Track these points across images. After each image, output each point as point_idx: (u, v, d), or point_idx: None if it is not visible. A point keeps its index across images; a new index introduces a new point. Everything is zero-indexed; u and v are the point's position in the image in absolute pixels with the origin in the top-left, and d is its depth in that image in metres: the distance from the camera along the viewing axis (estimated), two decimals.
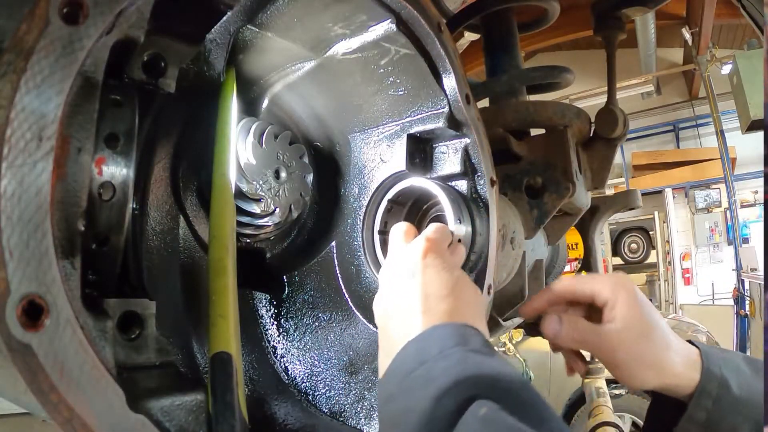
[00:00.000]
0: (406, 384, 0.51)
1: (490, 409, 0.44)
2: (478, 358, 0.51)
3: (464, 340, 0.53)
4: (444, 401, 0.46)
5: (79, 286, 0.44)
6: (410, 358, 0.54)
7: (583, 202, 1.44)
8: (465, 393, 0.46)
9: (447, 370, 0.49)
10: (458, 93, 0.78)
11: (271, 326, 0.87)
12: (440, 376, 0.48)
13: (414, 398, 0.48)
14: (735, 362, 0.73)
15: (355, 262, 0.89)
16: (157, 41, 0.59)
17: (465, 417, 0.44)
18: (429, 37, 0.74)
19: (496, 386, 0.47)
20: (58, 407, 0.38)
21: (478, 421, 0.44)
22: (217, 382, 0.51)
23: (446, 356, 0.51)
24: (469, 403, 0.45)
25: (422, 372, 0.51)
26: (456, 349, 0.52)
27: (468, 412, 0.44)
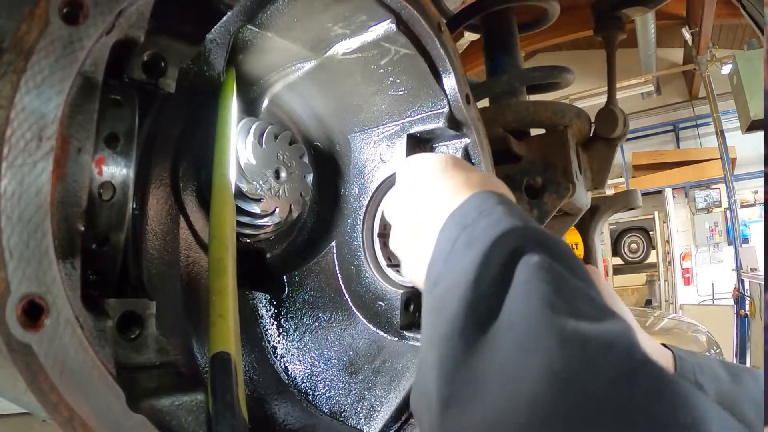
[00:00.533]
0: (451, 257, 0.47)
1: (542, 259, 0.40)
2: (521, 216, 0.47)
3: (504, 201, 0.50)
4: (491, 257, 0.42)
5: (79, 286, 0.44)
6: (451, 229, 0.49)
7: (583, 202, 1.45)
8: (512, 245, 0.42)
9: (489, 227, 0.45)
10: (458, 93, 0.78)
11: (271, 326, 0.87)
12: (483, 234, 0.44)
13: (459, 266, 0.44)
14: (711, 368, 0.70)
15: (355, 262, 0.89)
16: (157, 41, 0.59)
17: (518, 268, 0.40)
18: (429, 37, 0.74)
19: (544, 241, 0.44)
20: (58, 407, 0.38)
21: (532, 269, 0.40)
22: (217, 382, 0.51)
23: (488, 214, 0.47)
24: (518, 256, 0.41)
25: (464, 237, 0.46)
26: (498, 206, 0.48)
27: (521, 263, 0.41)
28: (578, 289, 0.40)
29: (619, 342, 0.35)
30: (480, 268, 0.42)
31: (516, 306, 0.39)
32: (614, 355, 0.34)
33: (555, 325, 0.36)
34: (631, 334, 0.36)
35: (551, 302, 0.37)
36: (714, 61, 7.73)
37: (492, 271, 0.41)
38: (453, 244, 0.47)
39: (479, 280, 0.41)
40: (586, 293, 0.40)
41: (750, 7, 1.55)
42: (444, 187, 0.56)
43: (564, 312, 0.36)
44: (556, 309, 0.37)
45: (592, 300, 0.39)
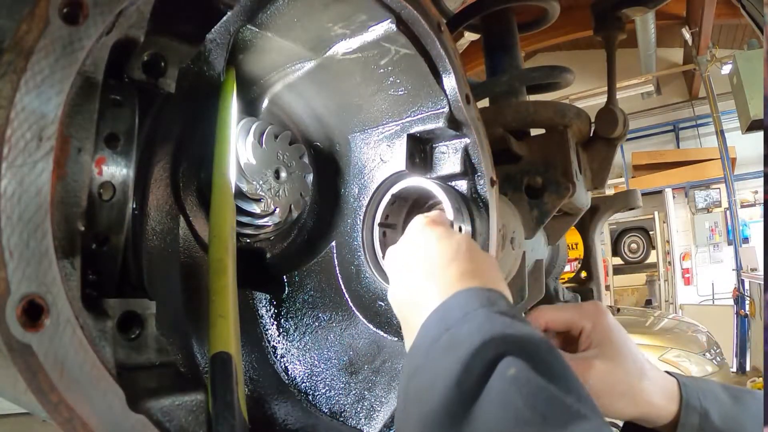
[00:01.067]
0: (431, 354, 0.49)
1: (519, 369, 0.43)
2: (505, 319, 0.49)
3: (489, 302, 0.51)
4: (471, 363, 0.44)
5: (79, 286, 0.44)
6: (433, 327, 0.52)
7: (583, 202, 1.44)
8: (492, 352, 0.44)
9: (472, 332, 0.47)
10: (458, 93, 0.78)
11: (271, 326, 0.87)
12: (466, 340, 0.46)
13: (440, 366, 0.46)
14: (713, 392, 0.71)
15: (355, 262, 0.89)
16: (157, 41, 0.59)
17: (493, 377, 0.43)
18: (429, 37, 0.74)
19: (524, 347, 0.46)
20: (58, 407, 0.38)
21: (507, 381, 0.42)
22: (217, 382, 0.51)
23: (470, 319, 0.49)
24: (496, 363, 0.44)
25: (447, 338, 0.49)
26: (481, 310, 0.50)
27: (496, 372, 0.43)
28: (551, 397, 0.41)
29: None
30: (461, 373, 0.44)
31: (489, 415, 0.41)
32: None
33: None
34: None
35: (523, 418, 0.39)
36: (714, 61, 7.73)
37: (472, 378, 0.44)
38: (434, 342, 0.50)
39: (459, 386, 0.44)
40: (560, 400, 0.41)
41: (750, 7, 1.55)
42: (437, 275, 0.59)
43: (532, 427, 0.39)
44: (526, 423, 0.39)
45: (565, 407, 0.41)
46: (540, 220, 1.28)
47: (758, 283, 6.77)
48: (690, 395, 0.70)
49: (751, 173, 8.50)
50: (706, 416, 0.68)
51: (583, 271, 1.80)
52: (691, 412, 0.68)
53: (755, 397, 0.71)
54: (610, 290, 8.48)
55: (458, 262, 0.59)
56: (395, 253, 0.68)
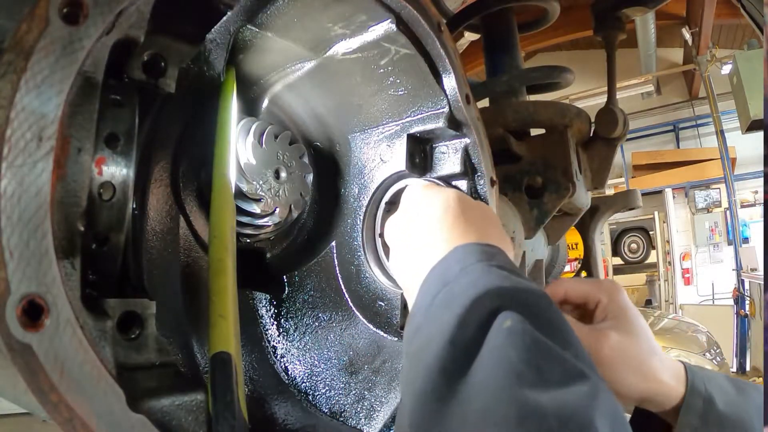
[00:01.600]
0: (430, 312, 0.48)
1: (514, 321, 0.42)
2: (502, 272, 0.48)
3: (487, 257, 0.51)
4: (466, 318, 0.43)
5: (79, 286, 0.44)
6: (433, 284, 0.51)
7: (583, 202, 1.45)
8: (488, 306, 0.44)
9: (468, 286, 0.46)
10: (458, 93, 0.78)
11: (271, 326, 0.87)
12: (462, 293, 0.46)
13: (438, 322, 0.46)
14: (718, 381, 0.72)
15: (355, 262, 0.89)
16: (157, 41, 0.59)
17: (490, 332, 0.42)
18: (429, 37, 0.74)
19: (520, 300, 0.45)
20: (58, 407, 0.38)
21: (503, 333, 0.41)
22: (217, 382, 0.51)
23: (467, 273, 0.49)
24: (493, 317, 0.43)
25: (444, 293, 0.48)
26: (478, 264, 0.49)
27: (494, 326, 0.42)
28: (548, 351, 0.40)
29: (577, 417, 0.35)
30: (457, 327, 0.43)
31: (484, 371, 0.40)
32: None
33: (516, 398, 0.37)
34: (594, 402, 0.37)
35: (517, 372, 0.38)
36: (714, 61, 7.74)
37: (467, 333, 0.43)
38: (433, 299, 0.49)
39: (454, 341, 0.43)
40: (557, 355, 0.40)
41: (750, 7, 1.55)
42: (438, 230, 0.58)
43: (527, 382, 0.37)
44: (521, 378, 0.38)
45: (562, 362, 0.40)
46: (540, 220, 1.28)
47: (758, 283, 6.77)
48: (695, 379, 0.70)
49: (751, 173, 8.49)
50: (710, 401, 0.68)
51: (583, 271, 1.80)
52: (696, 395, 0.69)
53: (758, 389, 0.72)
54: None
55: (454, 219, 0.58)
56: (392, 223, 0.68)
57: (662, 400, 0.70)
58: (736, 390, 0.71)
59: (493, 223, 0.64)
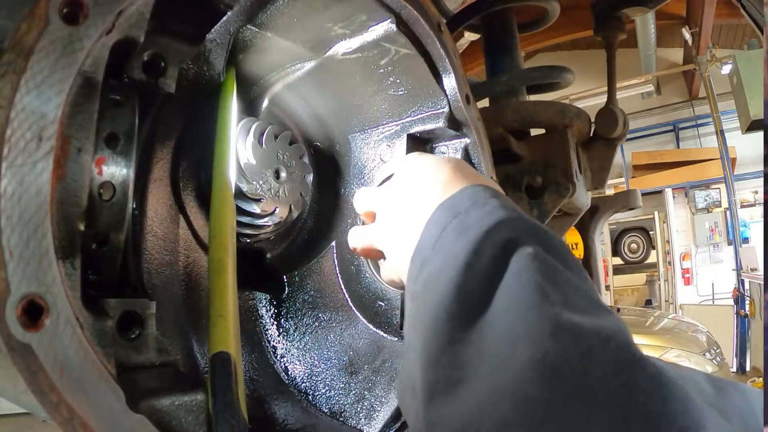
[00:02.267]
0: (440, 242, 0.44)
1: (537, 251, 0.39)
2: (517, 210, 0.46)
3: (499, 195, 0.48)
4: (484, 244, 0.40)
5: (79, 286, 0.44)
6: (441, 216, 0.47)
7: (583, 202, 1.45)
8: (507, 236, 0.41)
9: (483, 216, 0.43)
10: (458, 93, 0.78)
11: (271, 326, 0.87)
12: (477, 222, 0.43)
13: (449, 251, 0.42)
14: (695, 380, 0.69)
15: (355, 262, 0.89)
16: (157, 41, 0.59)
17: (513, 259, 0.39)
18: (429, 37, 0.74)
19: (539, 234, 0.42)
20: (58, 407, 0.38)
21: (527, 260, 0.38)
22: (217, 382, 0.51)
23: (481, 206, 0.45)
24: (513, 247, 0.40)
25: (456, 224, 0.44)
26: (491, 200, 0.46)
27: (516, 253, 0.39)
28: (573, 283, 0.38)
29: (617, 338, 0.33)
30: (472, 254, 0.40)
31: (509, 294, 0.37)
32: (612, 351, 0.32)
33: (549, 314, 0.34)
34: (628, 333, 0.35)
35: (546, 292, 0.36)
36: (714, 61, 7.74)
37: (485, 259, 0.40)
38: (443, 230, 0.45)
39: (471, 266, 0.40)
40: (582, 288, 0.38)
41: (750, 7, 1.55)
42: (437, 178, 0.54)
43: (559, 303, 0.35)
44: (551, 299, 0.35)
45: (588, 295, 0.38)
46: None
47: (758, 283, 6.78)
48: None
49: (751, 173, 8.50)
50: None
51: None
52: None
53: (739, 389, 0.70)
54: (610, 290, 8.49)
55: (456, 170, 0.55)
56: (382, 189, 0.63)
57: None
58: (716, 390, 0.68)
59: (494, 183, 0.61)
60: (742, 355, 7.05)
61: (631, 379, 0.31)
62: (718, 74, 7.90)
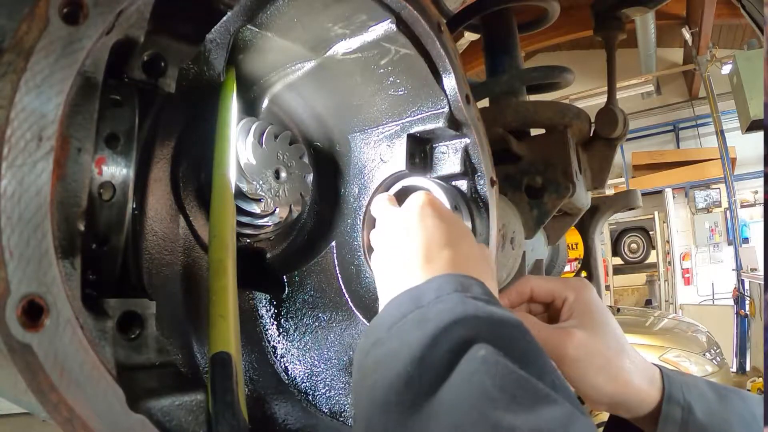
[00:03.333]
0: (396, 327, 0.48)
1: (489, 352, 0.41)
2: (479, 303, 0.48)
3: (464, 288, 0.51)
4: (439, 340, 0.43)
5: (79, 286, 0.44)
6: (404, 304, 0.50)
7: (583, 202, 1.45)
8: (463, 334, 0.43)
9: (443, 312, 0.46)
10: (458, 93, 0.78)
11: (271, 326, 0.87)
12: (436, 317, 0.45)
13: (405, 339, 0.45)
14: (698, 387, 0.70)
15: (355, 262, 0.89)
16: (157, 41, 0.59)
17: (464, 360, 0.41)
18: (429, 37, 0.74)
19: (496, 331, 0.45)
20: (58, 407, 0.38)
21: (477, 361, 0.41)
22: (217, 382, 0.51)
23: (443, 300, 0.48)
24: (466, 346, 0.42)
25: (416, 315, 0.47)
26: (454, 294, 0.49)
27: (467, 354, 0.42)
28: (522, 381, 0.40)
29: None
30: (427, 347, 0.43)
31: (456, 393, 0.40)
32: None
33: (489, 417, 0.37)
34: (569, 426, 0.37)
35: (490, 396, 0.38)
36: (714, 61, 7.74)
37: (438, 354, 0.42)
38: (402, 317, 0.48)
39: (423, 359, 0.42)
40: (531, 386, 0.40)
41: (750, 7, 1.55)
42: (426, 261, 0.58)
43: (502, 406, 0.37)
44: (495, 403, 0.38)
45: (536, 391, 0.40)
46: (540, 220, 1.28)
47: (758, 283, 6.78)
48: (673, 387, 0.68)
49: (751, 173, 8.50)
50: (689, 410, 0.66)
51: (583, 271, 1.80)
52: (674, 404, 0.66)
53: (741, 396, 0.70)
54: (610, 290, 8.49)
55: (448, 248, 0.58)
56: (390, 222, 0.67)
57: (634, 405, 0.68)
58: (718, 397, 0.69)
59: (484, 260, 0.63)
60: (742, 355, 7.06)
61: None
62: (718, 74, 7.90)
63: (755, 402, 0.69)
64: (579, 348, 0.67)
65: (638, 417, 0.69)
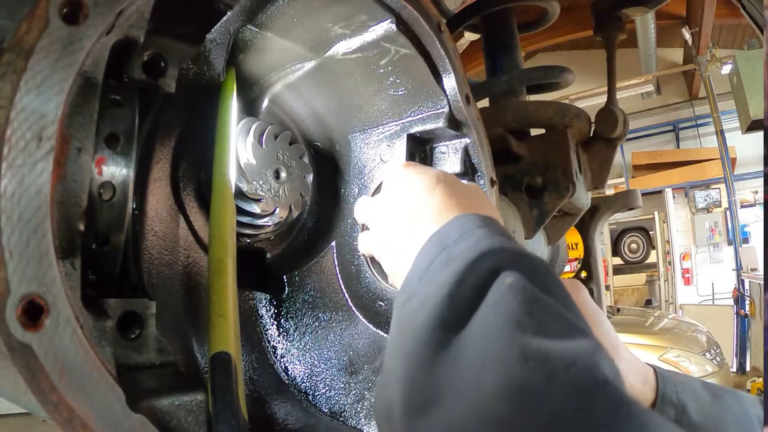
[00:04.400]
0: (427, 275, 0.47)
1: (516, 279, 0.41)
2: (503, 237, 0.48)
3: (486, 224, 0.50)
4: (467, 276, 0.43)
5: (79, 286, 0.44)
6: (431, 249, 0.50)
7: (583, 202, 1.45)
8: (489, 265, 0.43)
9: (469, 247, 0.46)
10: (458, 93, 0.78)
11: (271, 326, 0.87)
12: (462, 255, 0.45)
13: (434, 282, 0.45)
14: (692, 387, 0.70)
15: (355, 262, 0.89)
16: (157, 41, 0.59)
17: (492, 288, 0.41)
18: (429, 37, 0.74)
19: (521, 262, 0.44)
20: (58, 407, 0.38)
21: (504, 288, 0.41)
22: (217, 382, 0.51)
23: (467, 237, 0.48)
24: (493, 276, 0.42)
25: (443, 256, 0.47)
26: (478, 230, 0.49)
27: (495, 283, 0.42)
28: (549, 307, 0.40)
29: (581, 360, 0.35)
30: (455, 285, 0.43)
31: (483, 321, 0.40)
32: (573, 373, 0.34)
33: (518, 341, 0.36)
34: (597, 354, 0.36)
35: (518, 321, 0.38)
36: (714, 61, 7.74)
37: (466, 289, 0.42)
38: (431, 264, 0.48)
39: (452, 296, 0.42)
40: (558, 311, 0.40)
41: (750, 7, 1.55)
42: (430, 205, 0.57)
43: (530, 330, 0.37)
44: (522, 327, 0.37)
45: (563, 318, 0.40)
46: (540, 220, 1.28)
47: (758, 283, 6.78)
48: (666, 387, 0.68)
49: (751, 173, 8.50)
50: (683, 410, 0.66)
51: (583, 271, 1.80)
52: (667, 403, 0.67)
53: (736, 396, 0.70)
54: (610, 290, 8.49)
55: (444, 195, 0.57)
56: (374, 203, 0.66)
57: None
58: (712, 397, 0.69)
59: (484, 199, 0.63)
60: (742, 355, 7.05)
61: (590, 401, 0.33)
62: (718, 74, 7.90)
63: (750, 402, 0.70)
64: None
65: None
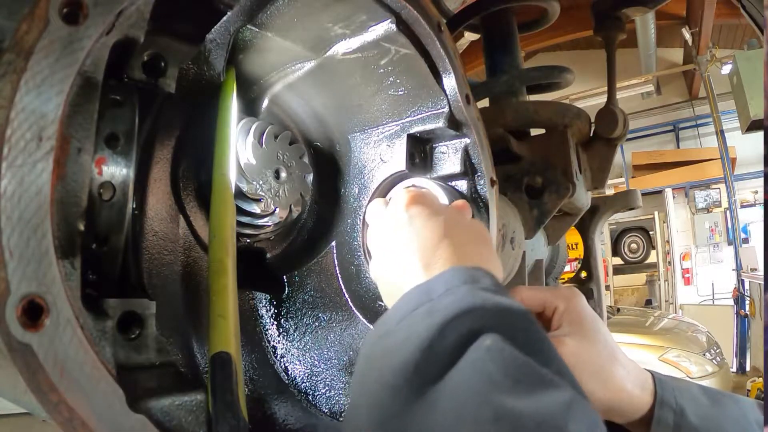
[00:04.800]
0: (406, 320, 0.49)
1: (495, 341, 0.42)
2: (487, 294, 0.49)
3: (472, 280, 0.52)
4: (447, 331, 0.44)
5: (79, 286, 0.44)
6: (414, 298, 0.51)
7: (583, 202, 1.45)
8: (470, 325, 0.44)
9: (452, 304, 0.47)
10: (458, 93, 0.78)
11: (271, 326, 0.87)
12: (445, 309, 0.46)
13: (414, 329, 0.46)
14: (691, 391, 0.70)
15: (355, 262, 0.89)
16: (157, 41, 0.59)
17: (471, 349, 0.43)
18: (429, 37, 0.74)
19: (503, 320, 0.46)
20: (58, 407, 0.38)
21: (482, 350, 0.42)
22: (217, 382, 0.51)
23: (453, 293, 0.49)
24: (473, 337, 0.43)
25: (426, 307, 0.49)
26: (463, 287, 0.50)
27: (474, 344, 0.43)
28: (527, 366, 0.41)
29: (551, 419, 0.36)
30: (436, 337, 0.44)
31: (460, 377, 0.41)
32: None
33: (493, 400, 0.38)
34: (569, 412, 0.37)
35: (494, 381, 0.39)
36: (714, 61, 7.74)
37: (445, 342, 0.44)
38: (413, 310, 0.49)
39: (432, 348, 0.43)
40: (535, 370, 0.41)
41: (750, 7, 1.55)
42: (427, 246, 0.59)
43: (505, 390, 0.38)
44: (498, 387, 0.39)
45: (539, 376, 0.41)
46: (540, 220, 1.28)
47: (758, 283, 6.78)
48: (665, 392, 0.69)
49: (751, 173, 8.50)
50: (681, 414, 0.67)
51: (583, 271, 1.80)
52: (666, 408, 0.67)
53: (734, 400, 0.70)
54: (610, 290, 8.50)
55: (444, 243, 0.59)
56: (379, 228, 0.68)
57: (628, 410, 0.68)
58: (711, 401, 0.69)
59: (482, 242, 0.64)
60: (742, 355, 7.06)
61: None
62: (718, 74, 7.90)
63: (749, 406, 0.70)
64: (571, 356, 0.68)
65: (631, 422, 0.70)
